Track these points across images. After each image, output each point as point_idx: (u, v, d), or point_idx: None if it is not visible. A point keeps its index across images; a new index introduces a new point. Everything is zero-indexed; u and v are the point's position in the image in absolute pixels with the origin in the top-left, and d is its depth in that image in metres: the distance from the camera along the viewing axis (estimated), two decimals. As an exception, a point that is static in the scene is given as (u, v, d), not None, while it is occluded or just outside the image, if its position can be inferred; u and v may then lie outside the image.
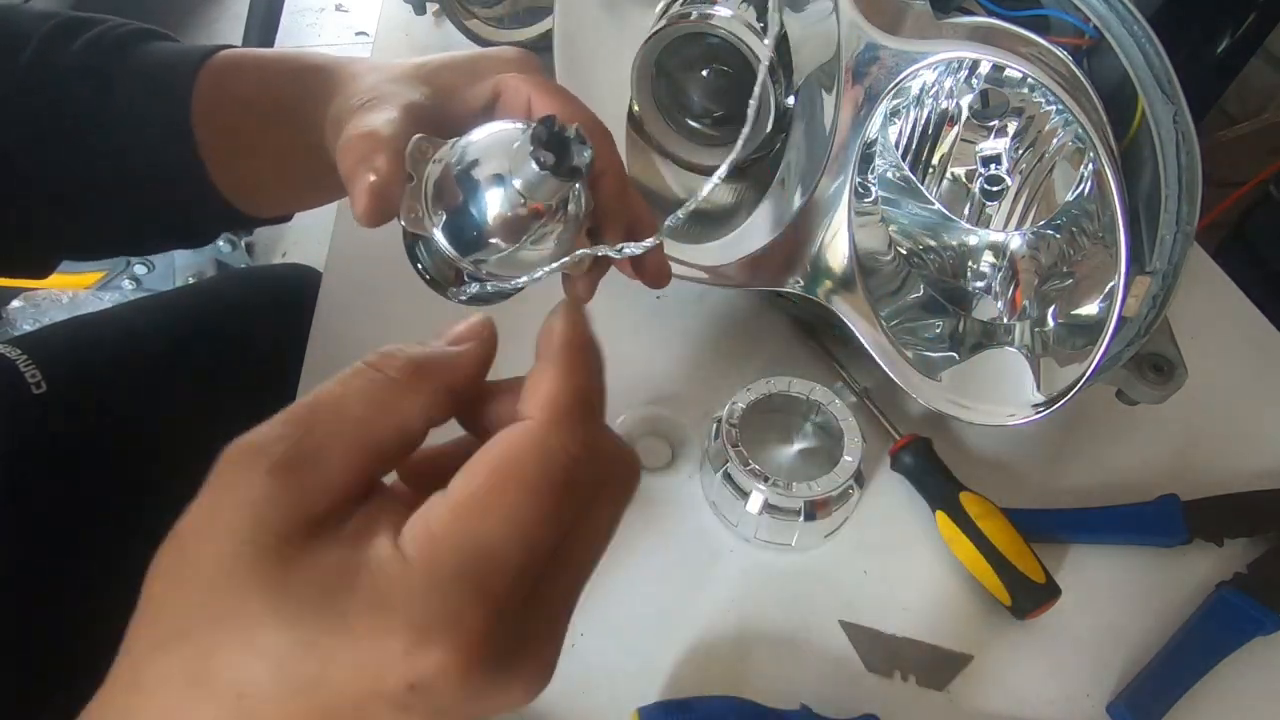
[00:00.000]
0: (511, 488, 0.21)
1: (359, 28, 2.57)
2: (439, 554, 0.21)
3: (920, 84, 0.51)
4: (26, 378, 0.60)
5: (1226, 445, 0.60)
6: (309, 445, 0.22)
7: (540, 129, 0.29)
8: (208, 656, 0.20)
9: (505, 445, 0.22)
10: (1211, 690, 0.47)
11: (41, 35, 0.43)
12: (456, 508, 0.21)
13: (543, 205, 0.30)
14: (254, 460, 0.21)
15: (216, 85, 0.43)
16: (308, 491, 0.21)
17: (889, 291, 0.57)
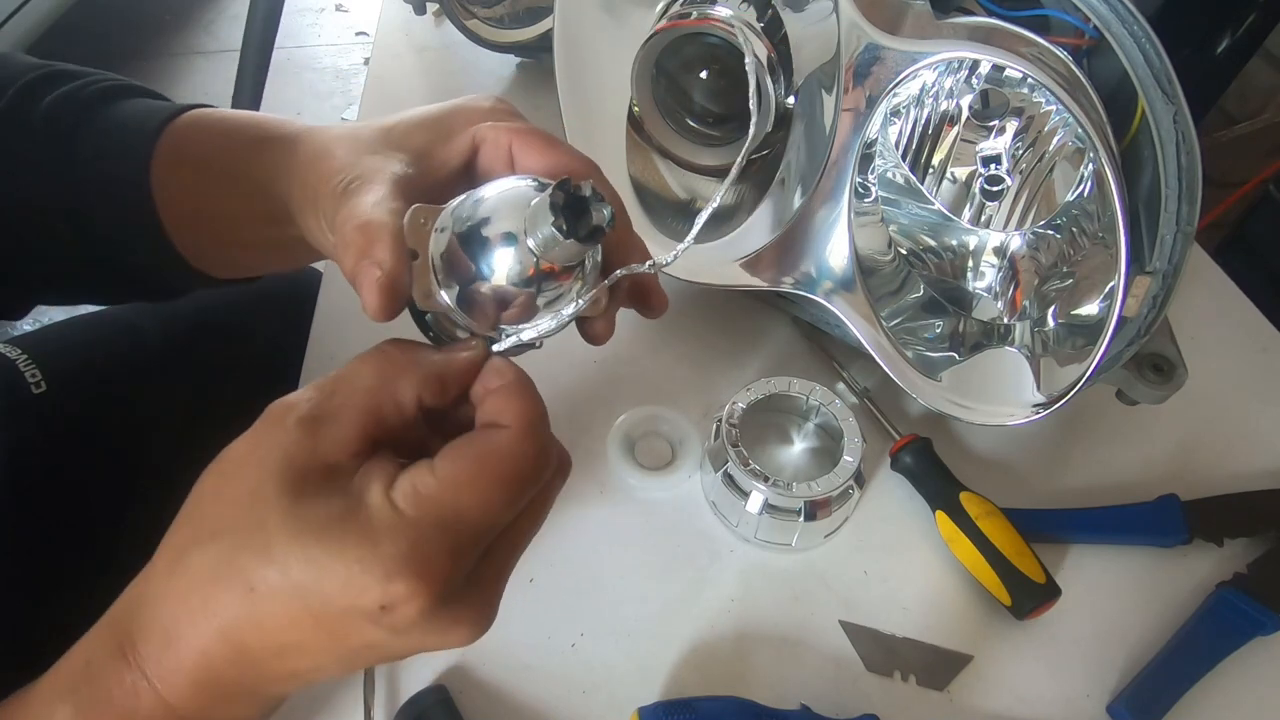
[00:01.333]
0: (487, 475, 0.27)
1: (359, 28, 2.58)
2: (422, 509, 0.26)
3: (920, 84, 0.51)
4: (26, 377, 0.60)
5: (1226, 445, 0.60)
6: (328, 406, 0.28)
7: (558, 194, 0.28)
8: (231, 555, 0.27)
9: (487, 442, 0.28)
10: (1211, 690, 0.47)
11: (19, 86, 0.43)
12: (443, 479, 0.27)
13: (564, 266, 0.30)
14: (287, 412, 0.28)
15: (177, 148, 0.42)
16: (323, 441, 0.28)
17: (889, 291, 0.57)
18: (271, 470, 0.27)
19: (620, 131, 0.60)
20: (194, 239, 0.44)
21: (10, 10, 1.73)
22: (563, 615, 0.49)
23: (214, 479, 0.29)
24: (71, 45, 2.11)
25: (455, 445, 0.28)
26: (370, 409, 0.29)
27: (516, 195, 0.30)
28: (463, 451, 0.28)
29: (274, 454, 0.27)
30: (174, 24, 2.54)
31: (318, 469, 0.27)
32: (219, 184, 0.42)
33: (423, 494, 0.27)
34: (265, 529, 0.26)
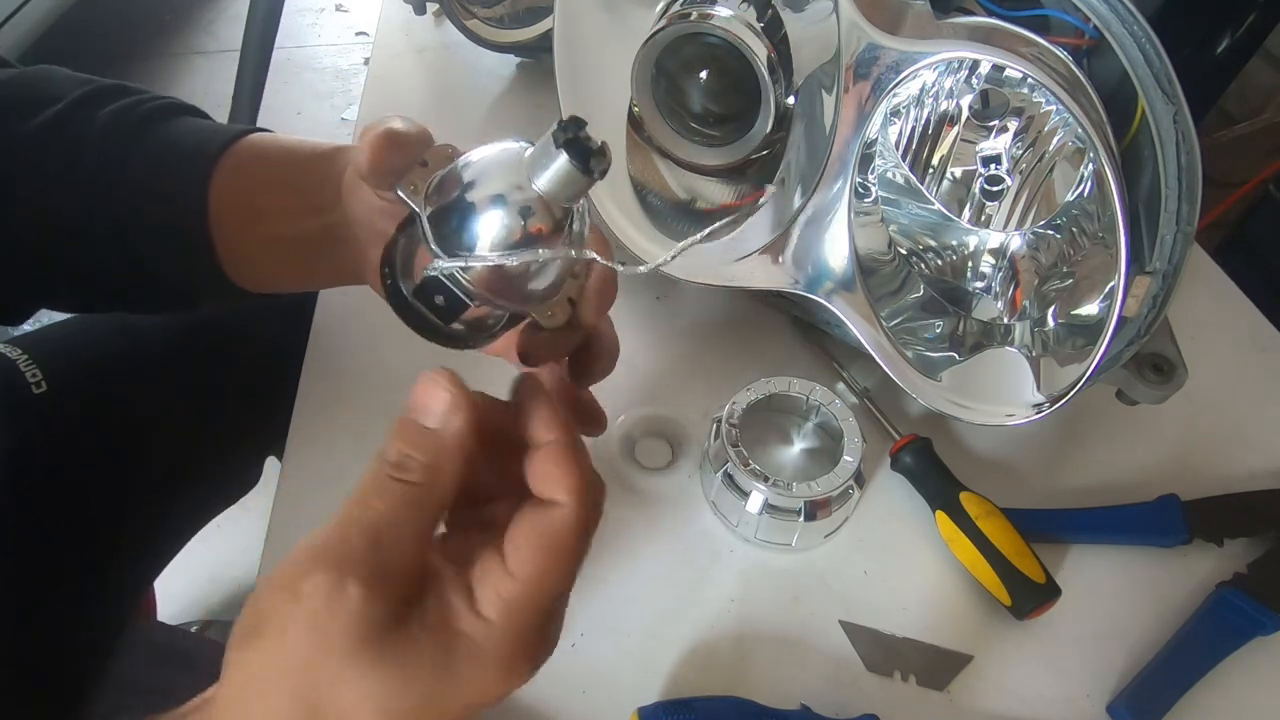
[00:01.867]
0: (560, 557, 0.28)
1: (359, 28, 2.57)
2: (514, 614, 0.27)
3: (920, 84, 0.51)
4: (26, 377, 0.60)
5: (1226, 445, 0.60)
6: (384, 557, 0.27)
7: (567, 124, 0.29)
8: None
9: (551, 526, 0.28)
10: (1211, 690, 0.47)
11: (74, 98, 0.44)
12: (522, 578, 0.27)
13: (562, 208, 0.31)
14: (345, 574, 0.26)
15: (238, 165, 0.44)
16: (394, 593, 0.26)
17: (889, 291, 0.57)
18: (349, 650, 0.25)
19: (620, 131, 0.60)
20: (238, 247, 0.45)
21: (10, 10, 1.73)
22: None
23: (270, 683, 0.26)
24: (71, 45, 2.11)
25: (521, 534, 0.28)
26: (419, 542, 0.28)
27: (509, 151, 0.31)
28: (531, 542, 0.28)
29: (347, 629, 0.25)
30: (174, 24, 2.54)
31: (393, 624, 0.26)
32: (275, 188, 0.44)
33: (508, 599, 0.27)
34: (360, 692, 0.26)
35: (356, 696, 0.25)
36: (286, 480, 0.54)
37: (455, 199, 0.31)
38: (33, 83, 0.45)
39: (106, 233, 0.44)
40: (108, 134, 0.44)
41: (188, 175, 0.44)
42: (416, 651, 0.26)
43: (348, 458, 0.54)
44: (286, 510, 0.52)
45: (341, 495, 0.29)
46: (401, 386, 0.64)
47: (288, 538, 0.51)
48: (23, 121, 0.43)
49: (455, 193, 0.31)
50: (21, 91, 0.45)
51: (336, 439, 0.56)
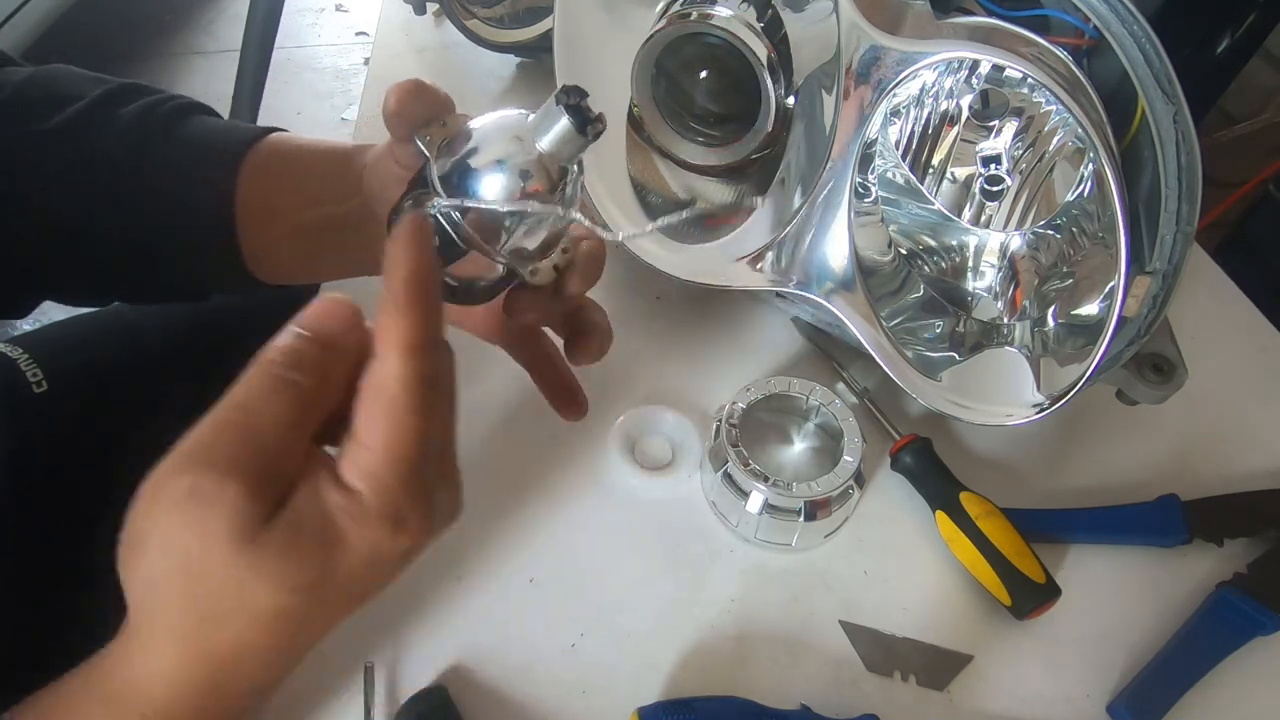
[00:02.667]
0: (401, 416, 0.28)
1: (359, 28, 2.58)
2: (378, 479, 0.28)
3: (920, 84, 0.51)
4: (27, 376, 0.60)
5: (1226, 445, 0.60)
6: (265, 458, 0.27)
7: (563, 96, 0.32)
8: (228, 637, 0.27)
9: (379, 389, 0.28)
10: (1211, 690, 0.47)
11: (95, 96, 0.45)
12: (376, 447, 0.28)
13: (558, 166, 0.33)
14: (224, 475, 0.27)
15: (262, 163, 0.45)
16: (273, 492, 0.27)
17: (889, 291, 0.57)
18: (234, 545, 0.26)
19: (620, 131, 0.60)
20: (262, 241, 0.46)
21: (10, 10, 1.73)
22: (563, 615, 0.49)
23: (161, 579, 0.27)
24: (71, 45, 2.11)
25: (361, 402, 0.29)
26: (302, 439, 0.29)
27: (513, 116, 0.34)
28: (370, 408, 0.29)
29: (231, 527, 0.26)
30: (174, 24, 2.54)
31: (272, 516, 0.27)
32: (298, 181, 0.45)
33: (365, 467, 0.28)
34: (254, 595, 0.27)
35: (250, 584, 0.26)
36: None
37: (462, 155, 0.34)
38: (47, 82, 0.46)
39: (125, 228, 0.45)
40: (131, 133, 0.44)
41: (214, 175, 0.45)
42: (297, 533, 0.27)
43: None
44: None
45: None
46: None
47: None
48: (42, 121, 0.44)
49: (463, 149, 0.34)
50: (37, 92, 0.45)
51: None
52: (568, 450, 0.56)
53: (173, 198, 0.45)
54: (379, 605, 0.48)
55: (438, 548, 0.51)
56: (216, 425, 0.28)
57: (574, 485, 0.55)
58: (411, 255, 0.29)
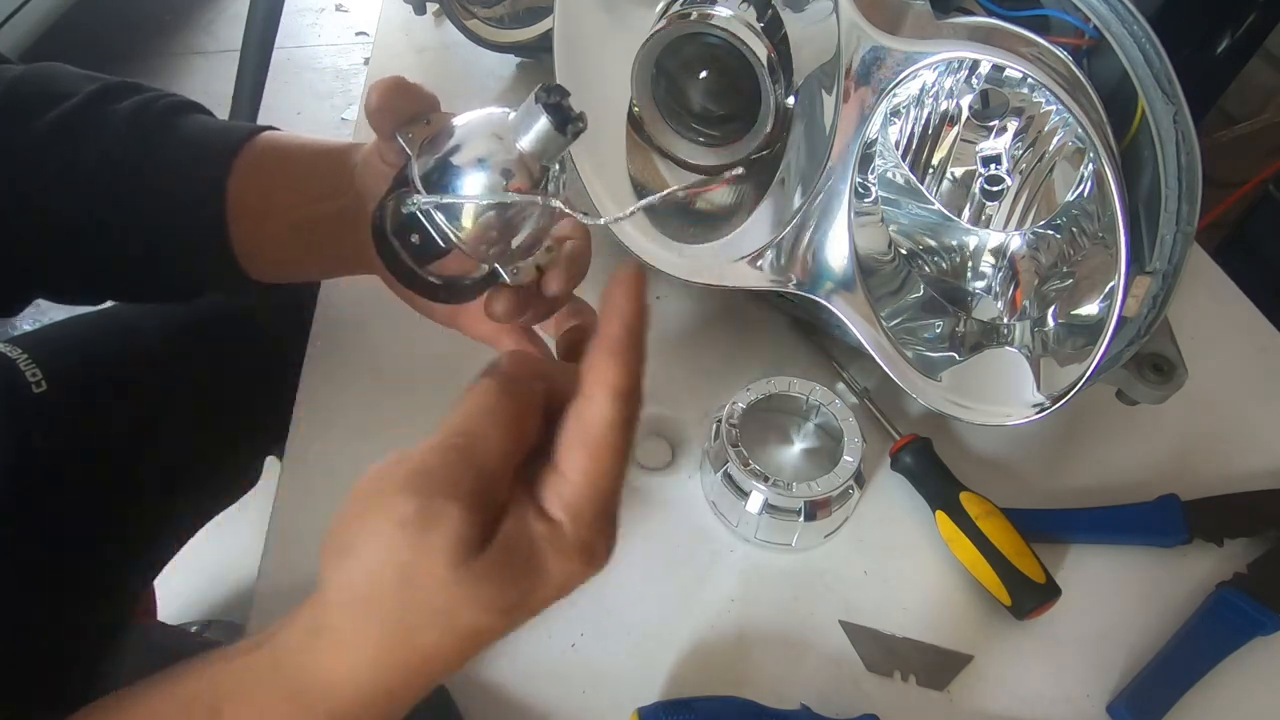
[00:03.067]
0: (605, 455, 0.29)
1: (359, 28, 2.57)
2: (577, 512, 0.29)
3: (920, 84, 0.51)
4: (27, 376, 0.60)
5: (1226, 445, 0.60)
6: (485, 482, 0.29)
7: (543, 95, 0.33)
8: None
9: (588, 427, 0.29)
10: (1211, 690, 0.47)
11: (88, 92, 0.45)
12: (577, 482, 0.29)
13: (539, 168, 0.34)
14: (448, 499, 0.28)
15: (254, 162, 0.46)
16: (490, 516, 0.29)
17: (889, 291, 0.57)
18: (450, 564, 0.27)
19: (620, 131, 0.60)
20: (254, 239, 0.46)
21: (10, 10, 1.73)
22: (563, 615, 0.49)
23: (385, 589, 0.28)
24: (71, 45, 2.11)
25: (566, 438, 0.30)
26: (519, 456, 0.30)
27: (495, 115, 0.35)
28: (574, 444, 0.30)
29: (448, 548, 0.27)
30: (174, 24, 2.54)
31: (485, 539, 0.28)
32: (291, 179, 0.46)
33: (568, 499, 0.29)
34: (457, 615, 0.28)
35: (459, 602, 0.28)
36: (286, 480, 0.54)
37: (444, 152, 0.34)
38: (40, 80, 0.46)
39: (124, 227, 0.45)
40: (127, 132, 0.45)
41: (206, 173, 0.45)
42: (508, 559, 0.28)
43: (348, 458, 0.54)
44: (286, 510, 0.52)
45: (341, 495, 0.29)
46: (402, 387, 0.64)
47: (288, 538, 0.51)
48: (34, 119, 0.44)
49: (445, 146, 0.34)
50: (29, 89, 0.45)
51: (337, 439, 0.56)
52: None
53: (170, 197, 0.45)
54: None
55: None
56: (443, 449, 0.29)
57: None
58: (631, 303, 0.30)
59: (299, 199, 0.46)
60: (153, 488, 0.64)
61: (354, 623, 0.29)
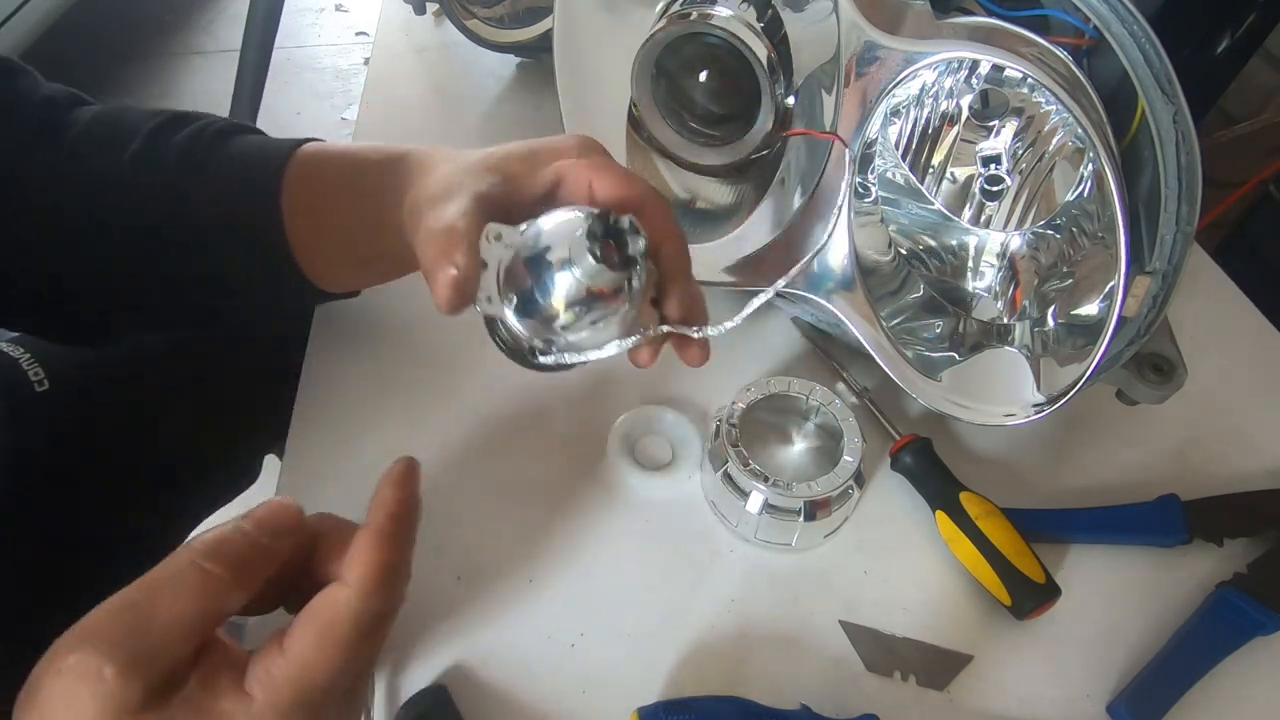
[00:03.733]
0: (332, 645, 0.28)
1: (359, 28, 2.58)
2: (277, 692, 0.28)
3: (920, 84, 0.51)
4: (29, 376, 0.60)
5: (1226, 445, 0.60)
6: (149, 645, 0.27)
7: (596, 224, 0.33)
8: None
9: (328, 610, 0.29)
10: (1211, 690, 0.47)
11: (148, 130, 0.47)
12: (291, 658, 0.28)
13: (604, 289, 0.33)
14: (104, 658, 0.26)
15: (304, 173, 0.46)
16: (155, 678, 0.27)
17: (889, 291, 0.57)
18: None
19: (620, 131, 0.60)
20: (314, 256, 0.47)
21: (10, 10, 1.73)
22: (562, 615, 0.49)
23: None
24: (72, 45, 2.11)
25: (303, 613, 0.29)
26: (198, 629, 0.28)
27: (573, 225, 0.34)
28: (307, 622, 0.29)
29: (100, 707, 0.26)
30: (174, 24, 2.54)
31: (148, 703, 0.27)
32: (343, 205, 0.46)
33: (275, 676, 0.28)
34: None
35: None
36: (286, 480, 0.54)
37: (527, 293, 0.34)
38: (113, 121, 0.48)
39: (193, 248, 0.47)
40: (189, 153, 0.46)
41: (256, 190, 0.46)
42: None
43: (347, 457, 0.54)
44: (286, 510, 0.52)
45: (341, 495, 0.30)
46: (403, 387, 0.64)
47: (288, 538, 0.51)
48: (115, 156, 0.46)
49: (527, 284, 0.34)
50: (104, 130, 0.47)
51: (336, 439, 0.56)
52: (568, 450, 0.56)
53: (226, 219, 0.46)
54: (379, 605, 0.48)
55: (439, 548, 0.51)
56: (116, 605, 0.28)
57: (574, 485, 0.55)
58: (399, 493, 0.30)
59: (349, 208, 0.46)
60: (153, 486, 0.64)
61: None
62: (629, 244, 0.33)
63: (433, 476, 0.54)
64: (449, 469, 0.55)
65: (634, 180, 0.39)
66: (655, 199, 0.39)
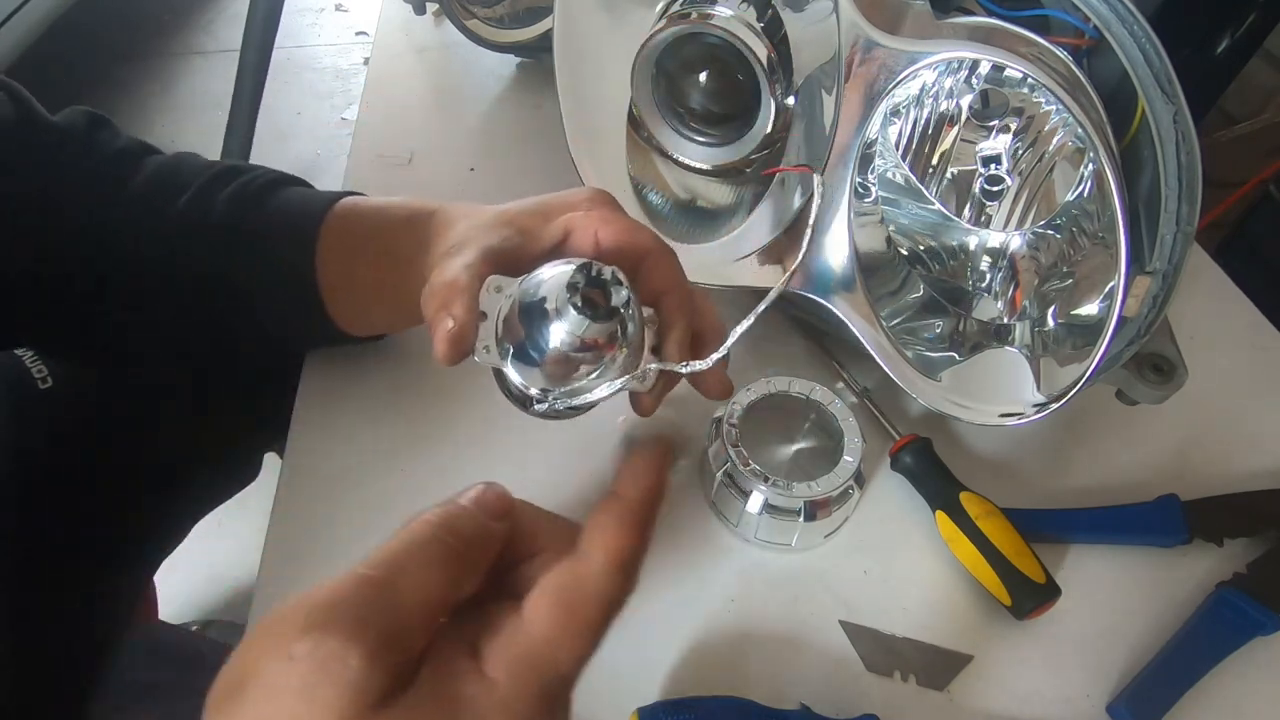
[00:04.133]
0: (581, 626, 0.26)
1: (359, 28, 2.58)
2: (523, 675, 0.25)
3: (920, 84, 0.51)
4: (33, 374, 0.60)
5: (1226, 445, 0.60)
6: (398, 627, 0.24)
7: (578, 275, 0.33)
8: None
9: (575, 589, 0.27)
10: (1211, 690, 0.47)
11: (198, 185, 0.50)
12: (538, 639, 0.26)
13: (594, 339, 0.34)
14: (350, 641, 0.23)
15: (338, 230, 0.49)
16: (400, 666, 0.24)
17: (889, 291, 0.57)
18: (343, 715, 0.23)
19: (620, 131, 0.60)
20: (345, 306, 0.50)
21: (10, 10, 1.73)
22: (563, 615, 0.49)
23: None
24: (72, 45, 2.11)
25: (544, 587, 0.26)
26: (437, 613, 0.26)
27: (562, 276, 0.34)
28: (551, 597, 0.26)
29: (342, 696, 0.23)
30: (174, 24, 2.54)
31: (390, 692, 0.23)
32: (373, 258, 0.48)
33: (517, 655, 0.25)
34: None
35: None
36: (286, 480, 0.54)
37: (521, 344, 0.35)
38: (171, 171, 0.51)
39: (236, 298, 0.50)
40: (234, 208, 0.49)
41: (294, 247, 0.48)
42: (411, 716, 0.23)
43: (349, 457, 0.54)
44: (286, 510, 0.52)
45: (341, 495, 0.29)
46: (404, 388, 0.64)
47: (288, 538, 0.51)
48: (167, 208, 0.49)
49: (521, 335, 0.35)
50: (161, 183, 0.50)
51: (337, 438, 0.56)
52: (568, 451, 0.56)
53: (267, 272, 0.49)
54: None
55: (438, 548, 0.51)
56: (356, 580, 0.24)
57: (574, 486, 0.55)
58: (652, 477, 0.29)
59: (383, 279, 0.47)
60: (155, 483, 0.64)
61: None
62: (612, 294, 0.34)
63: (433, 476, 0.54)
64: (449, 469, 0.55)
65: (638, 230, 0.40)
66: (659, 248, 0.41)
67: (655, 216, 0.61)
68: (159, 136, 2.12)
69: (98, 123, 0.51)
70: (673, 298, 0.40)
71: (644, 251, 0.40)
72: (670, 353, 0.39)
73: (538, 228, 0.40)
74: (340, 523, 0.51)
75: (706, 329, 0.42)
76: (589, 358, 0.35)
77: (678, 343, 0.40)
